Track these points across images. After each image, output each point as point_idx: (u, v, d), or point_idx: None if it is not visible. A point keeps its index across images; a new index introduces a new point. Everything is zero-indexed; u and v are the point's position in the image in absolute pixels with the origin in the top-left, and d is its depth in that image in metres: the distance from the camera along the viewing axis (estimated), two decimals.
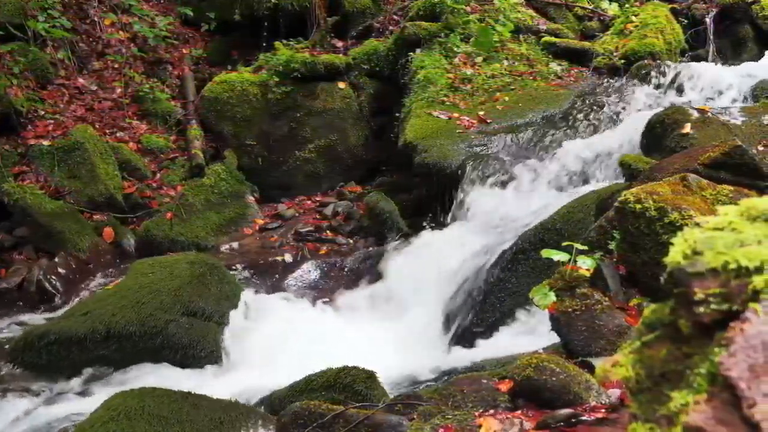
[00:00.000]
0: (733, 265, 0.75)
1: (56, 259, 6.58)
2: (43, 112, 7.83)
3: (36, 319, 5.97)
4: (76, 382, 4.96)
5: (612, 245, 3.45)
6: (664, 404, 0.76)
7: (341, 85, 8.47)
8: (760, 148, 5.20)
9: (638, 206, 3.07)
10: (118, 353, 5.02)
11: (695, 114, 5.50)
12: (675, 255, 0.80)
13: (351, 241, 7.14)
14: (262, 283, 6.42)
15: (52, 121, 7.78)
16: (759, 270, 0.74)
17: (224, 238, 7.33)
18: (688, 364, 0.76)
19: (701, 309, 0.75)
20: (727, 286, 0.75)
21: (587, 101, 7.11)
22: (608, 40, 8.45)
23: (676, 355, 0.78)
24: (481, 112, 7.20)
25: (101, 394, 4.60)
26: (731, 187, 3.29)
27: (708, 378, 0.73)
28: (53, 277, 6.43)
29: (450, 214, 6.59)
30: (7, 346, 5.30)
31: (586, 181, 6.06)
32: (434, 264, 5.85)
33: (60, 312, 5.85)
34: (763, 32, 8.59)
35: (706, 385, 0.73)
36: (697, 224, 0.82)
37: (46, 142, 7.36)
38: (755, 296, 0.73)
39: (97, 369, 5.02)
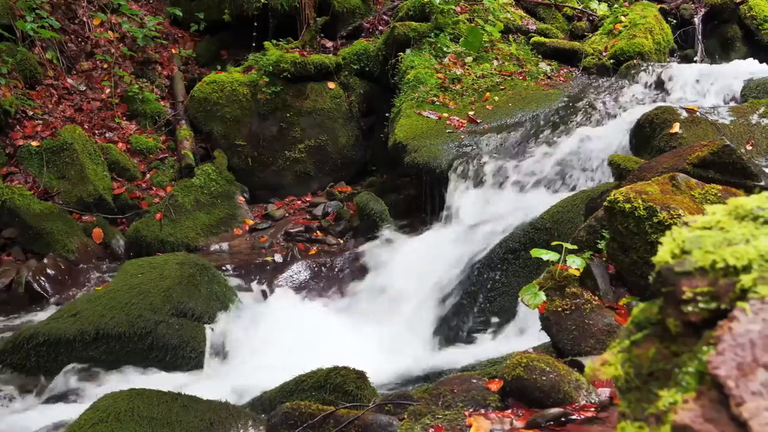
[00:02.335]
0: (721, 264, 0.76)
1: (45, 260, 6.55)
2: (31, 113, 7.79)
3: (25, 320, 5.94)
4: (64, 384, 4.93)
5: (601, 245, 3.47)
6: (652, 403, 0.76)
7: (331, 85, 8.46)
8: (749, 147, 5.23)
9: (627, 206, 3.08)
10: (108, 354, 5.00)
11: (684, 114, 5.52)
12: (663, 254, 0.80)
13: (341, 241, 7.14)
14: (252, 283, 6.40)
15: (40, 122, 7.74)
16: (747, 269, 0.74)
17: (214, 239, 7.32)
18: (677, 362, 0.76)
19: (689, 308, 0.76)
20: (715, 285, 0.75)
21: (577, 101, 7.12)
22: (597, 40, 8.48)
23: (664, 354, 0.78)
24: (471, 112, 7.21)
25: (90, 395, 4.58)
26: (720, 187, 3.30)
27: (696, 376, 0.73)
28: (42, 278, 6.39)
29: (439, 214, 6.59)
30: None
31: (576, 180, 6.06)
32: (424, 264, 5.85)
33: (49, 313, 5.82)
34: (750, 32, 8.65)
35: (694, 383, 0.73)
36: (686, 223, 0.83)
37: (34, 143, 7.33)
38: (743, 295, 0.73)
39: (86, 370, 4.99)
